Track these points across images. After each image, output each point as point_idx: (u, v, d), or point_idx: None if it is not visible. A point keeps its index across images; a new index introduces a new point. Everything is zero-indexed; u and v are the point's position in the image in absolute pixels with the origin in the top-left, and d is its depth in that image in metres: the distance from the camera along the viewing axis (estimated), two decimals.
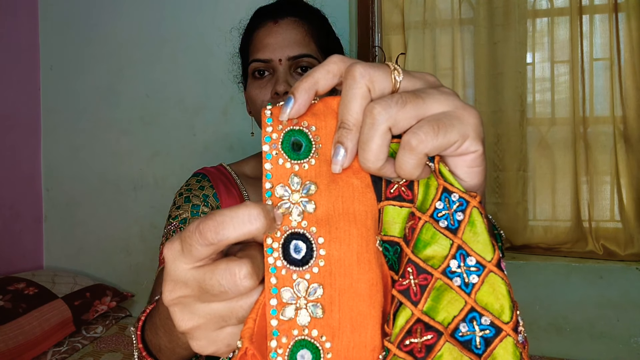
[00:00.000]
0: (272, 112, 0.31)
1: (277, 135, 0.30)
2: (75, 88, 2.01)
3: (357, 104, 0.29)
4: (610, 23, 1.64)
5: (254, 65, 0.82)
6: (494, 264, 0.28)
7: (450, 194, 0.29)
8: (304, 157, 0.30)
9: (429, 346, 0.27)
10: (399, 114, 0.28)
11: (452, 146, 0.28)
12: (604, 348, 1.59)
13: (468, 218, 0.29)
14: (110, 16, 1.95)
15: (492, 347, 0.27)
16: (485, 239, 0.29)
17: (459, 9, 1.80)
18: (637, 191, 1.64)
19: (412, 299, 0.28)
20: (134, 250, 1.97)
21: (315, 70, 0.31)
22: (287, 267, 0.28)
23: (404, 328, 0.27)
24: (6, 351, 1.37)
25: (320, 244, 0.29)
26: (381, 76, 0.29)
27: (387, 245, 0.30)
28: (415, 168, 0.28)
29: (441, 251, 0.29)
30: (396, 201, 0.30)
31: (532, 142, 1.76)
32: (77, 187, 2.02)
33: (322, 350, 0.28)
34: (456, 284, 0.28)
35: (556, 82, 1.73)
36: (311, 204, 0.29)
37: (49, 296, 1.63)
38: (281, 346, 0.27)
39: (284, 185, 0.30)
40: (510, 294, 0.28)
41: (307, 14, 0.85)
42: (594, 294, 1.61)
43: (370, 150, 0.28)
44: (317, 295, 0.28)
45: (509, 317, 0.27)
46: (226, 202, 0.83)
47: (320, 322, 0.28)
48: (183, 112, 1.90)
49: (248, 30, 0.87)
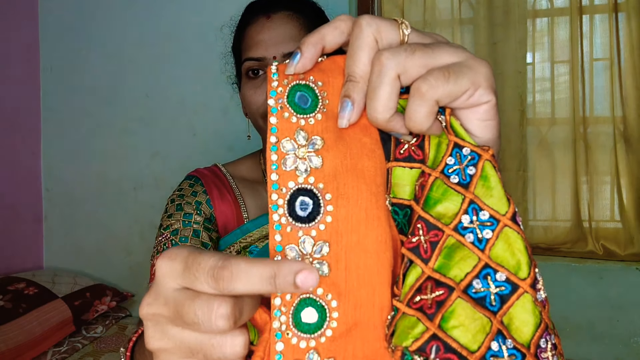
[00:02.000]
0: (278, 67, 0.30)
1: (282, 90, 0.30)
2: (75, 88, 2.01)
3: (364, 54, 0.28)
4: (610, 23, 1.64)
5: (248, 65, 0.76)
6: (508, 217, 0.27)
7: (461, 148, 0.28)
8: (310, 111, 0.29)
9: (439, 302, 0.25)
10: (407, 61, 0.27)
11: (464, 95, 0.27)
12: (604, 348, 1.59)
13: (480, 172, 0.27)
14: (110, 16, 1.95)
15: (509, 305, 0.25)
16: (500, 193, 0.27)
17: (459, 8, 1.80)
18: (637, 191, 1.64)
19: (422, 256, 0.27)
20: (134, 250, 1.96)
21: (323, 27, 0.30)
22: (293, 224, 0.27)
23: (414, 286, 0.26)
24: (6, 351, 1.37)
25: (328, 200, 0.28)
26: (389, 27, 0.28)
27: (396, 209, 0.29)
28: (426, 117, 0.27)
29: (453, 208, 0.27)
30: (406, 162, 0.29)
31: (532, 142, 1.76)
32: (77, 187, 2.02)
33: (327, 309, 0.27)
34: (469, 241, 0.26)
35: (556, 82, 1.73)
36: (318, 158, 0.28)
37: (49, 296, 1.63)
38: (285, 304, 0.26)
39: (289, 139, 0.29)
40: (528, 250, 0.26)
41: (302, 6, 0.79)
42: (594, 294, 1.61)
43: (379, 98, 0.27)
44: (323, 252, 0.27)
45: (526, 274, 0.26)
46: (219, 207, 0.79)
47: (326, 280, 0.27)
48: (183, 112, 1.90)
49: (240, 27, 0.82)
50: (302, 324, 0.26)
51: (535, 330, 0.25)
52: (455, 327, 0.25)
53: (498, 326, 0.25)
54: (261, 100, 0.75)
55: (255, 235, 0.79)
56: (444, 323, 0.25)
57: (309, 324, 0.26)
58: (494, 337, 0.25)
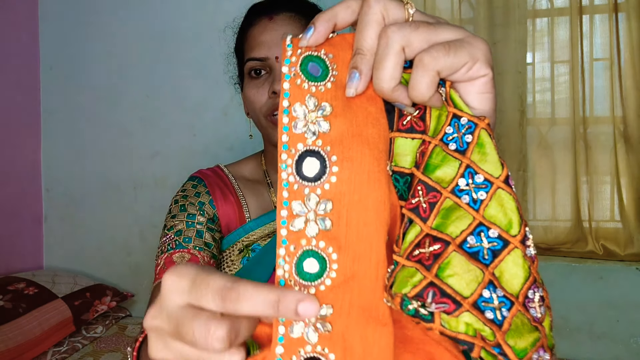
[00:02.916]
0: (293, 40, 0.33)
1: (295, 59, 0.32)
2: (75, 88, 2.01)
3: (372, 29, 0.30)
4: (610, 23, 1.64)
5: (250, 65, 0.78)
6: (501, 180, 0.29)
7: (459, 118, 0.30)
8: (321, 79, 0.31)
9: (436, 255, 0.27)
10: (412, 35, 0.29)
11: (463, 68, 0.29)
12: (604, 348, 1.59)
13: (477, 139, 0.29)
14: (111, 16, 1.95)
15: (500, 259, 0.28)
16: (494, 158, 0.29)
17: (459, 9, 1.80)
18: (637, 191, 1.64)
19: (422, 215, 0.29)
20: (134, 250, 1.97)
21: (335, 6, 0.32)
22: (300, 182, 0.29)
23: (413, 242, 0.28)
24: (6, 351, 1.37)
25: (333, 161, 0.30)
26: (395, 6, 0.30)
27: (397, 176, 0.31)
28: (428, 87, 0.29)
29: (451, 172, 0.29)
30: (408, 133, 0.31)
31: (532, 142, 1.76)
32: (77, 187, 2.02)
33: (328, 260, 0.28)
34: (464, 202, 0.29)
35: (556, 82, 1.73)
36: (326, 123, 0.30)
37: (49, 296, 1.63)
38: (289, 254, 0.28)
39: (301, 104, 0.31)
40: (519, 210, 0.28)
41: (304, 8, 0.81)
42: (594, 294, 1.61)
43: (385, 68, 0.29)
44: (327, 209, 0.29)
45: (516, 231, 0.28)
46: (222, 208, 0.81)
47: (328, 234, 0.29)
48: (183, 112, 1.90)
49: (242, 28, 0.84)
50: (304, 272, 0.28)
51: (524, 282, 0.27)
52: (450, 275, 0.27)
53: (490, 277, 0.27)
54: (263, 100, 0.76)
55: (258, 234, 0.80)
56: (440, 272, 0.27)
57: (310, 273, 0.28)
58: (486, 286, 0.27)
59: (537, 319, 0.28)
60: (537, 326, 0.27)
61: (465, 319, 0.26)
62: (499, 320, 0.26)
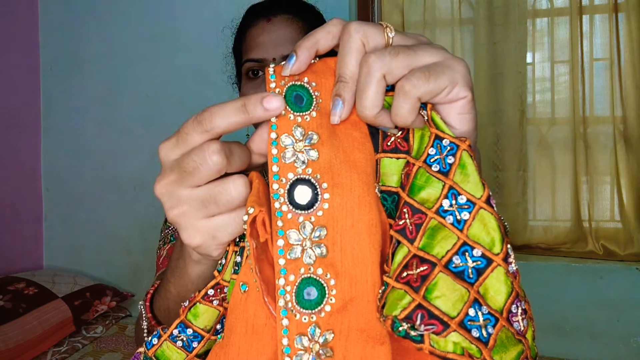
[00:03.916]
0: (275, 69, 0.33)
1: (280, 90, 0.32)
2: (75, 88, 2.01)
3: (353, 57, 0.31)
4: (610, 23, 1.64)
5: (248, 65, 0.79)
6: (483, 200, 0.30)
7: (441, 140, 0.31)
8: (306, 109, 0.32)
9: (424, 276, 0.28)
10: (392, 63, 0.29)
11: (443, 92, 0.30)
12: (604, 348, 1.59)
13: (458, 161, 0.30)
14: (110, 16, 1.95)
15: (484, 277, 0.28)
16: (476, 179, 0.30)
17: (459, 9, 1.80)
18: (637, 191, 1.64)
19: (408, 236, 0.30)
20: (134, 250, 1.97)
21: (316, 31, 0.32)
22: (293, 211, 0.30)
23: (401, 263, 0.29)
24: (6, 351, 1.37)
25: (324, 188, 0.31)
26: (374, 32, 0.31)
27: (385, 195, 0.32)
28: (410, 113, 0.30)
29: (434, 193, 0.30)
30: (392, 153, 0.33)
31: (532, 142, 1.76)
32: (77, 186, 2.02)
33: (327, 286, 0.29)
34: (449, 222, 0.29)
35: (556, 82, 1.73)
36: (314, 151, 0.31)
37: (49, 296, 1.63)
38: (288, 283, 0.29)
39: (288, 134, 0.31)
40: (501, 228, 0.29)
41: (301, 10, 0.82)
42: (593, 294, 1.61)
43: (367, 97, 0.30)
44: (321, 236, 0.30)
45: (499, 249, 0.29)
46: None
47: (324, 260, 0.30)
48: (183, 112, 1.89)
49: (241, 29, 0.84)
50: (304, 301, 0.29)
51: (508, 297, 0.29)
52: (437, 297, 0.27)
53: (475, 295, 0.28)
54: None
55: None
56: (427, 294, 0.28)
57: (310, 301, 0.29)
58: (471, 305, 0.28)
59: (520, 332, 0.29)
60: (520, 339, 0.28)
61: (453, 339, 0.26)
62: (484, 338, 0.27)
